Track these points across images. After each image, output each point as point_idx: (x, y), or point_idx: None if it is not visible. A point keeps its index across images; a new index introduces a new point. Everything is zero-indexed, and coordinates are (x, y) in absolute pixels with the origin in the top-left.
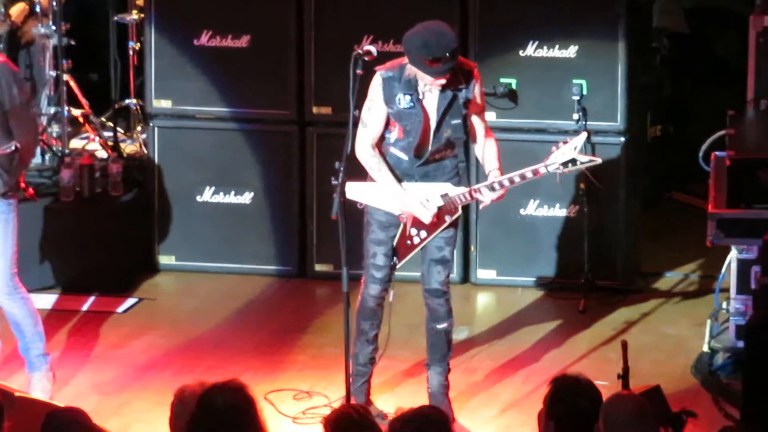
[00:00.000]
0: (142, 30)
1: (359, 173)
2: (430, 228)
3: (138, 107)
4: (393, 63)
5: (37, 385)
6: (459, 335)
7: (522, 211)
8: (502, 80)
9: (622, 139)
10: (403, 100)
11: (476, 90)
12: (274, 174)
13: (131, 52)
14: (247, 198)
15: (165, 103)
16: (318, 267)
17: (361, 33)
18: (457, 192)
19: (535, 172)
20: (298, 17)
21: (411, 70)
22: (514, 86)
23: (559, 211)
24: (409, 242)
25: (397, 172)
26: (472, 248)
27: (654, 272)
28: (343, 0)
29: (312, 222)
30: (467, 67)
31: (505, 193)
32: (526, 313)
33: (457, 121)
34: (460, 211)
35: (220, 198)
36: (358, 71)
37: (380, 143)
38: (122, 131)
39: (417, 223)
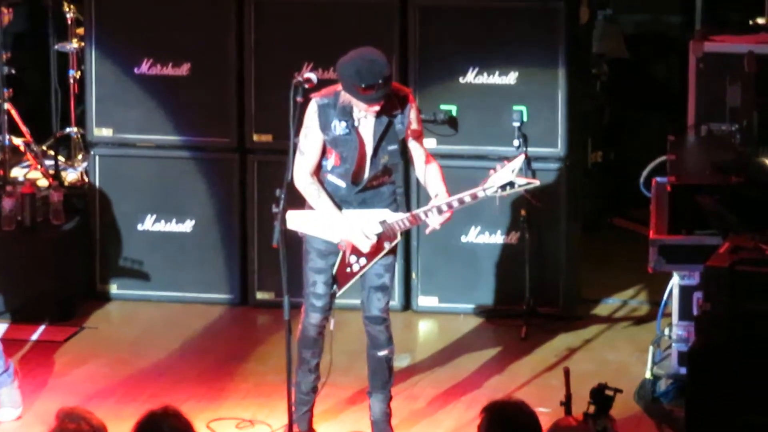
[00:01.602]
0: (83, 58)
1: (300, 200)
2: (369, 255)
3: (79, 135)
4: (328, 90)
5: (6, 400)
6: (401, 362)
7: (463, 238)
8: (443, 107)
9: (563, 165)
10: (339, 127)
11: (412, 115)
12: (215, 201)
13: (72, 81)
14: (188, 226)
15: (106, 132)
16: (259, 295)
17: (301, 60)
18: (395, 218)
19: (473, 196)
20: (238, 45)
21: (346, 97)
22: (454, 113)
23: (500, 238)
24: (348, 270)
25: (335, 199)
26: (414, 275)
27: (595, 298)
28: (283, 27)
29: (253, 250)
30: (402, 92)
31: (451, 215)
32: (468, 340)
33: (393, 147)
34: (399, 238)
35: (162, 226)
36: (298, 99)
37: (318, 170)
38: (63, 159)
39: (356, 251)
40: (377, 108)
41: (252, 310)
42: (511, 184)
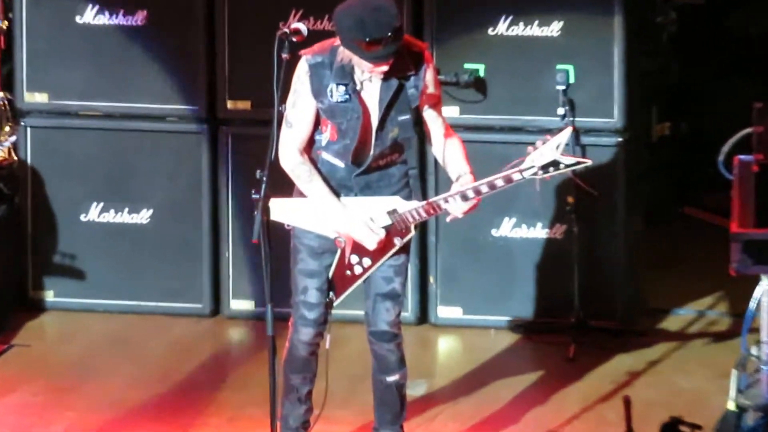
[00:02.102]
0: (10, 4)
1: (286, 185)
2: (376, 254)
3: (5, 102)
4: (322, 45)
5: None
6: (415, 390)
7: (494, 232)
8: (467, 66)
9: (620, 139)
10: (336, 92)
11: (428, 77)
12: (179, 186)
13: None
14: (144, 217)
15: (40, 97)
16: (235, 304)
17: (287, 7)
18: (408, 207)
19: (507, 180)
20: None
21: (345, 54)
22: (481, 73)
23: (541, 232)
24: (348, 273)
25: (332, 183)
26: (431, 280)
27: (662, 309)
28: None
29: (227, 247)
30: (416, 48)
31: (478, 202)
32: (500, 362)
33: (404, 117)
34: (413, 232)
35: (111, 217)
36: (285, 55)
37: (310, 147)
38: None
39: (358, 249)
40: (385, 68)
41: (225, 324)
42: (555, 164)
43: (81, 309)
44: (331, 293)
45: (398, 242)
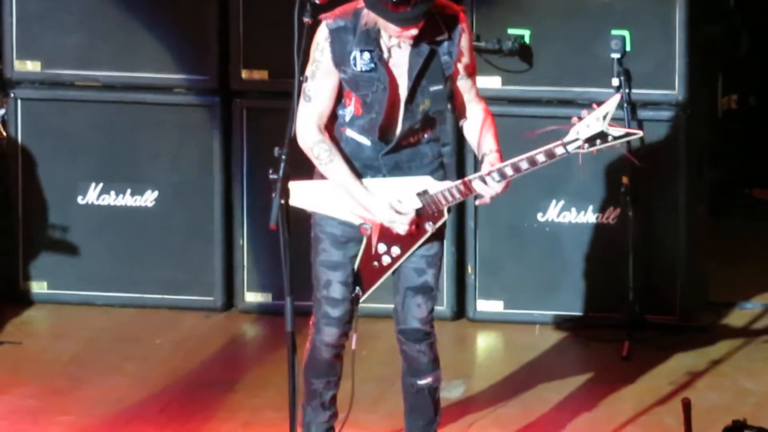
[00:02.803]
0: None
1: (308, 165)
2: (405, 242)
3: None
4: (344, 9)
5: None
6: (452, 393)
7: (540, 217)
8: (511, 31)
9: (682, 113)
10: (360, 60)
11: (463, 42)
12: (188, 165)
13: None
14: (149, 199)
15: (31, 66)
16: (250, 297)
17: None
18: (440, 187)
19: (550, 154)
20: None
21: (369, 17)
22: (526, 40)
23: (593, 217)
24: (375, 264)
25: (357, 163)
26: (469, 270)
27: (726, 302)
28: None
29: (241, 234)
30: (450, 10)
31: (508, 184)
32: (545, 362)
33: (437, 88)
34: (446, 216)
35: (111, 199)
36: (306, 20)
37: (332, 124)
38: None
39: (386, 236)
40: (414, 32)
41: (239, 319)
42: (603, 136)
43: (78, 302)
44: (357, 288)
45: (430, 227)
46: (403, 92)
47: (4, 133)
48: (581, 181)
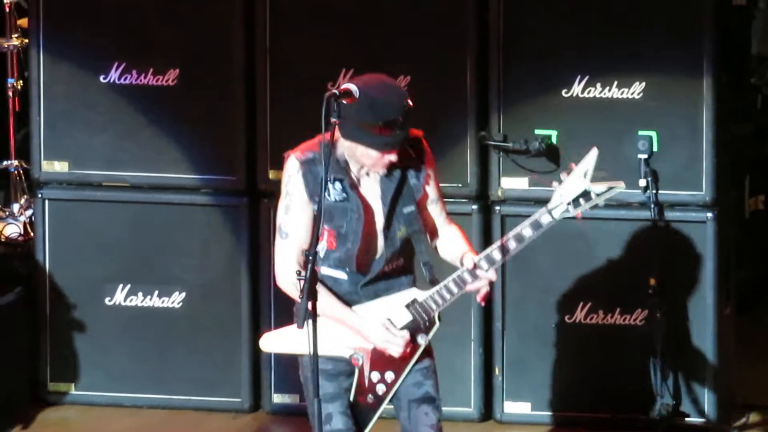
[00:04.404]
0: (27, 61)
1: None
2: (398, 365)
3: (20, 172)
4: (310, 143)
5: None
6: None
7: (567, 318)
8: (538, 132)
9: (710, 214)
10: (333, 190)
11: (429, 165)
12: (215, 265)
13: (11, 93)
14: (176, 300)
15: (59, 166)
16: (277, 398)
17: (336, 65)
18: (429, 293)
19: (536, 225)
20: (247, 43)
21: (345, 147)
22: (554, 140)
23: (620, 318)
24: (370, 398)
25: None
26: (497, 371)
27: (755, 405)
28: (311, 19)
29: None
30: (413, 134)
31: (495, 275)
32: None
33: (410, 210)
34: (437, 324)
35: (138, 300)
36: (334, 119)
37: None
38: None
39: (379, 363)
40: (394, 157)
41: (267, 420)
42: (586, 194)
43: (106, 403)
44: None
45: (423, 340)
46: (379, 220)
47: (32, 234)
48: (609, 283)
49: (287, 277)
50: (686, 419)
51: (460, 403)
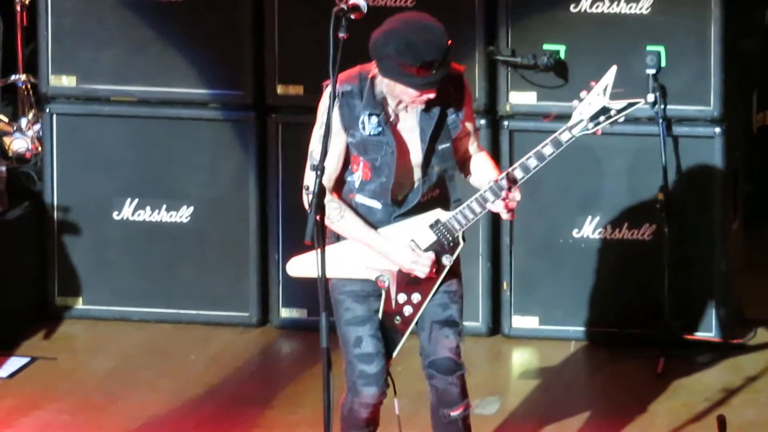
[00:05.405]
0: None
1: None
2: (424, 286)
3: (28, 86)
4: (348, 73)
5: None
6: (486, 409)
7: (575, 233)
8: (546, 47)
9: (718, 129)
10: (369, 124)
11: (467, 102)
12: (223, 180)
13: (18, 8)
14: (184, 215)
15: (67, 81)
16: (285, 312)
17: None
18: (451, 214)
19: (557, 144)
20: None
21: (381, 83)
22: (562, 55)
23: (628, 233)
24: (398, 319)
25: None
26: (505, 286)
27: (763, 319)
28: None
29: (276, 250)
30: (455, 71)
31: (518, 195)
32: (580, 377)
33: (445, 146)
34: (462, 244)
35: (146, 215)
36: (342, 35)
37: (339, 189)
38: (6, 120)
39: (404, 285)
40: (432, 95)
41: (275, 334)
42: (605, 111)
43: (113, 318)
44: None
45: (448, 261)
46: (416, 156)
47: (39, 148)
48: (616, 198)
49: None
50: (694, 334)
51: (468, 318)
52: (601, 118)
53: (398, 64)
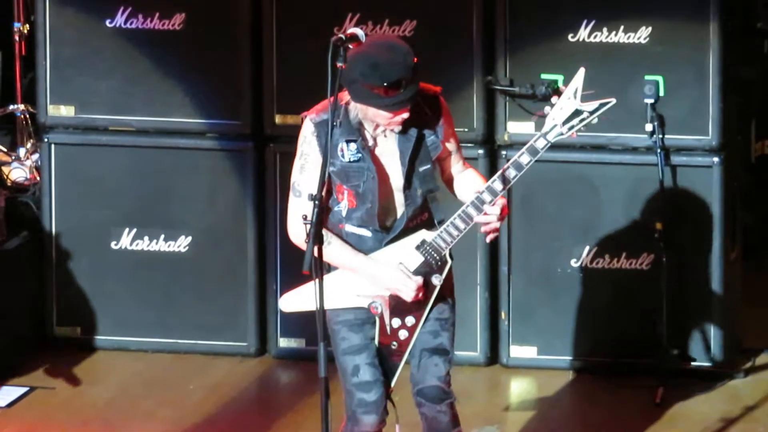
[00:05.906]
0: (33, 7)
1: None
2: (417, 308)
3: (26, 116)
4: (323, 104)
5: None
6: None
7: (573, 263)
8: (544, 76)
9: (716, 159)
10: (348, 151)
11: (447, 121)
12: (221, 210)
13: (17, 37)
14: (182, 244)
15: (65, 111)
16: (283, 342)
17: (342, 10)
18: (436, 233)
19: (533, 151)
20: None
21: (354, 111)
22: (560, 85)
23: (626, 263)
24: (394, 345)
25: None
26: (503, 315)
27: (761, 348)
28: None
29: (274, 279)
30: (430, 92)
31: (506, 210)
32: (579, 407)
33: (425, 168)
34: (449, 262)
35: (144, 245)
36: (340, 64)
37: (326, 219)
38: (4, 150)
39: (398, 308)
40: (406, 115)
41: (273, 364)
42: (578, 113)
43: (111, 347)
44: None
45: (437, 280)
46: (397, 180)
47: (38, 178)
48: (614, 227)
49: (299, 233)
50: (692, 363)
51: (466, 348)
52: (575, 121)
53: (366, 87)
